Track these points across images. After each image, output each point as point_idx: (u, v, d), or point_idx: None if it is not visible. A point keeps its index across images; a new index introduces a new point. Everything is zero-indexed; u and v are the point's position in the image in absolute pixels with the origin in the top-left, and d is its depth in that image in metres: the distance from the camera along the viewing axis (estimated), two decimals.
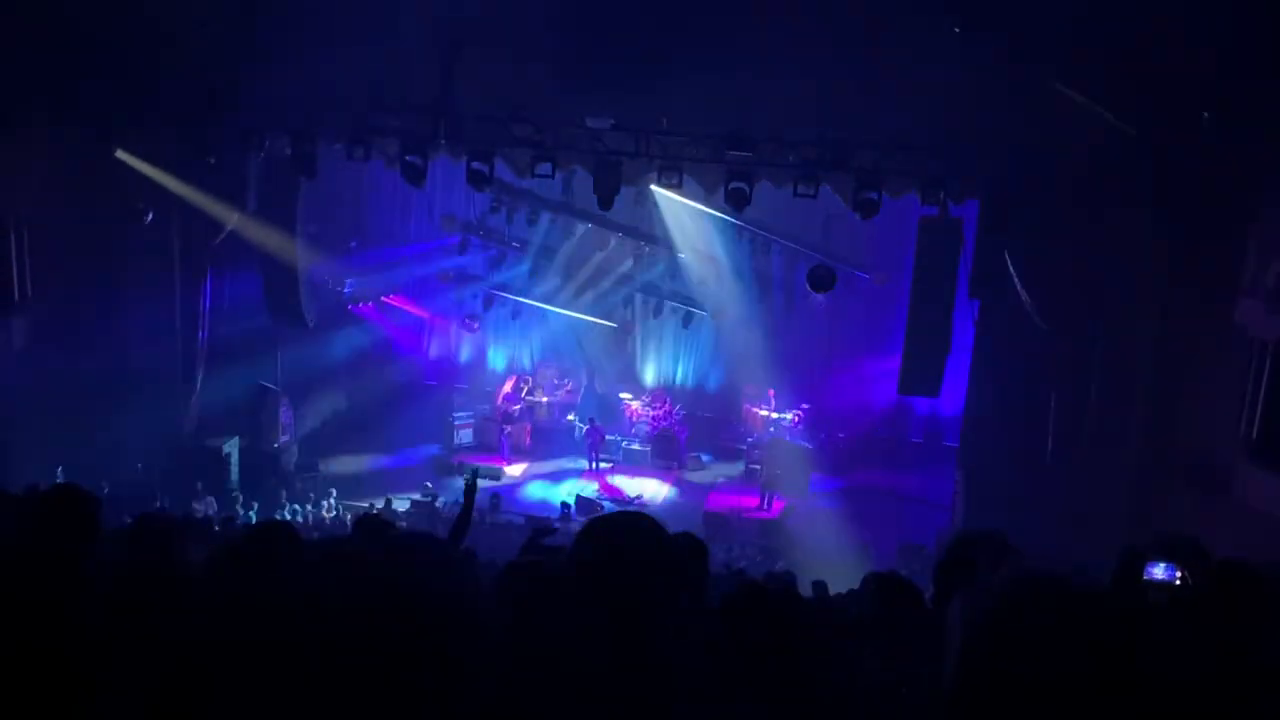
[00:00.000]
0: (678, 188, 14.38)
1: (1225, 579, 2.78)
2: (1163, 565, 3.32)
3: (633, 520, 2.30)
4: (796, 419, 20.85)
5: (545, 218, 21.23)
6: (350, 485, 17.57)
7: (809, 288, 17.85)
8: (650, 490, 19.05)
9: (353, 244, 20.29)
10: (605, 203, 14.50)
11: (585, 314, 23.28)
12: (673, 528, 2.57)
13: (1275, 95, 9.96)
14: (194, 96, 13.71)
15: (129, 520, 5.70)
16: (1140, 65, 10.54)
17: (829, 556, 13.83)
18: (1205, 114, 10.78)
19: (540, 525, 6.92)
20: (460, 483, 13.83)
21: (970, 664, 1.50)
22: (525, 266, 22.55)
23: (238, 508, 14.89)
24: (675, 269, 22.15)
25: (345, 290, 20.01)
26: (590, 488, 18.73)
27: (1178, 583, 3.29)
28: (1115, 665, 1.41)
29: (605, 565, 2.18)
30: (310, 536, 10.25)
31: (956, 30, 10.48)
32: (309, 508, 16.26)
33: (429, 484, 17.65)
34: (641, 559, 2.18)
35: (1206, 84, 10.44)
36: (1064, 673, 1.39)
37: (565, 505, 17.27)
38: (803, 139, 13.54)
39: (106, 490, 12.11)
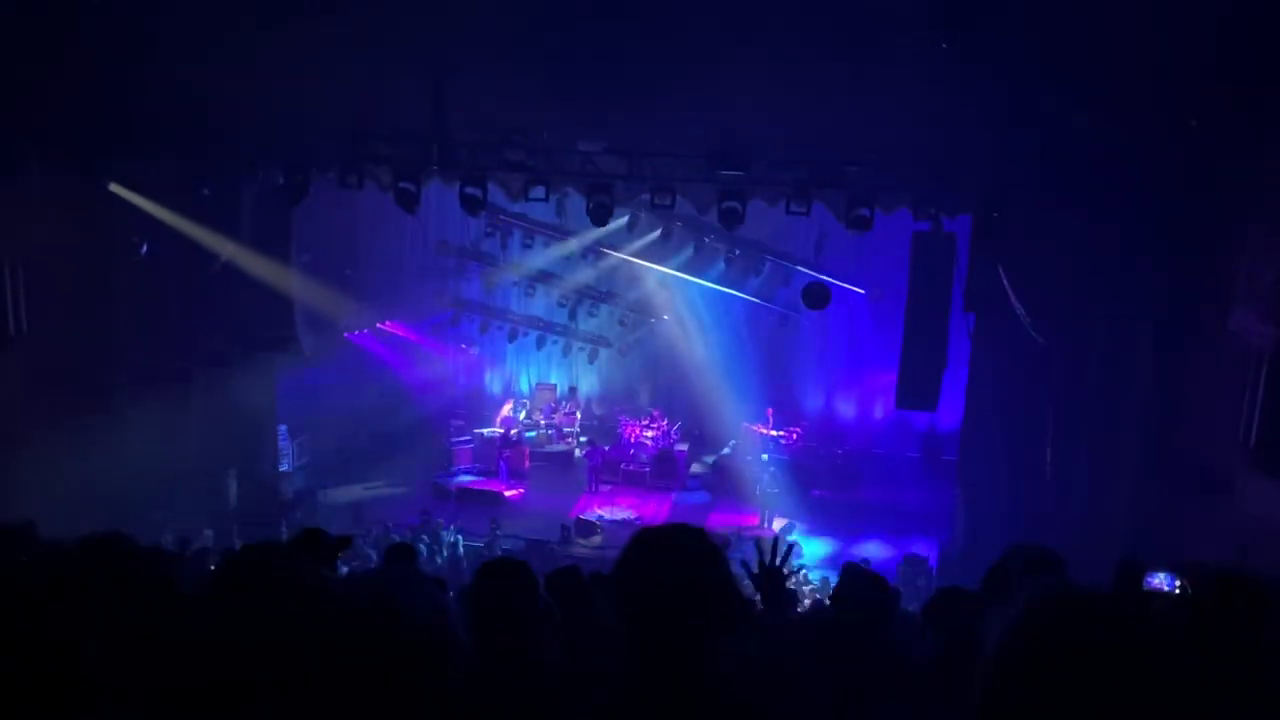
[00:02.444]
0: (670, 208, 14.42)
1: (1227, 588, 2.78)
2: (1163, 575, 3.32)
3: (685, 532, 2.27)
4: (795, 436, 20.86)
5: (539, 241, 21.34)
6: (349, 513, 17.53)
7: (804, 305, 17.91)
8: (650, 510, 19.01)
9: (347, 271, 20.30)
10: (599, 225, 14.59)
11: (583, 334, 23.38)
12: None
13: (1267, 103, 10.02)
14: (186, 128, 13.75)
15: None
16: (1130, 75, 10.59)
17: (829, 571, 13.81)
18: (1193, 122, 10.84)
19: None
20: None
21: (1000, 679, 1.51)
22: (520, 289, 22.66)
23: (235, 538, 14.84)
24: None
25: (341, 318, 20.00)
26: (590, 509, 18.69)
27: (1178, 592, 3.29)
28: (1136, 676, 1.42)
29: (657, 578, 2.15)
30: None
31: (944, 46, 10.51)
32: None
33: (427, 510, 17.61)
34: (695, 572, 2.16)
35: (1198, 93, 10.49)
36: (1089, 686, 1.41)
37: (565, 528, 17.26)
38: (794, 157, 13.59)
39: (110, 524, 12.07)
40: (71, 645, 3.29)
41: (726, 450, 21.56)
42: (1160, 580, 3.43)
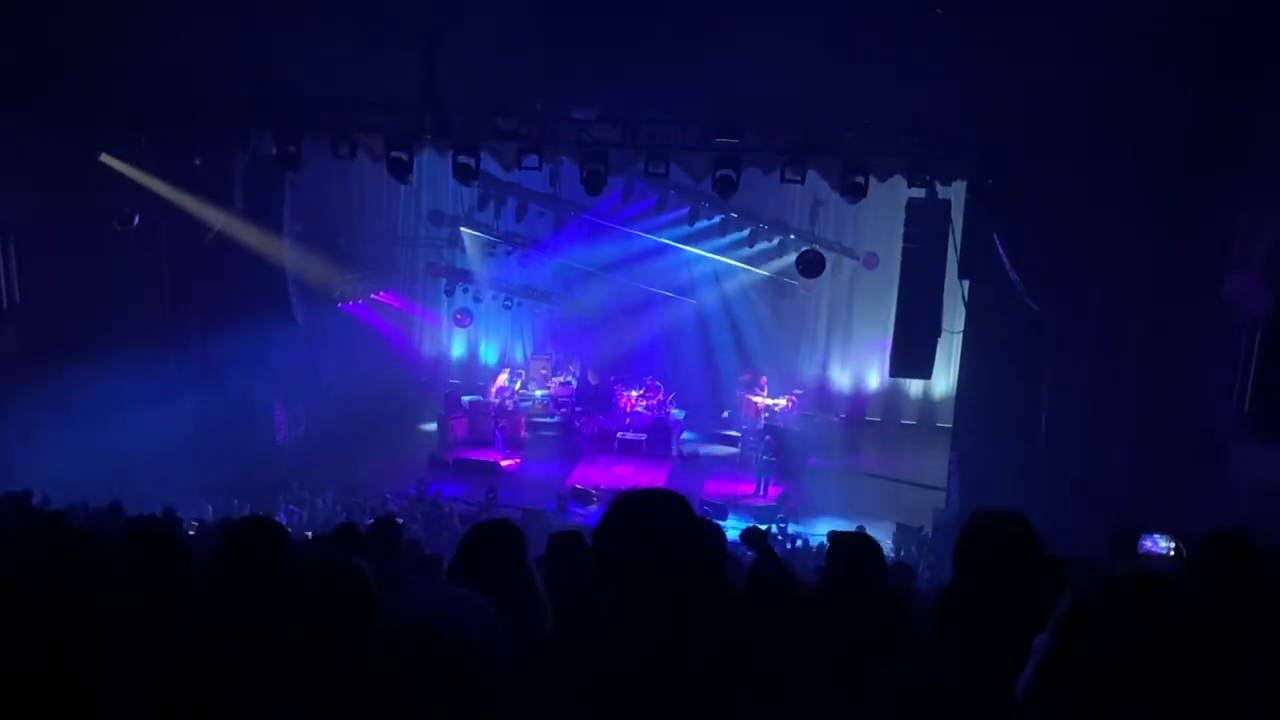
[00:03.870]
0: (664, 176, 14.35)
1: (1220, 550, 2.80)
2: (1157, 537, 3.34)
3: (661, 497, 2.28)
4: (790, 404, 20.87)
5: (534, 210, 21.29)
6: (345, 483, 17.54)
7: (798, 273, 17.90)
8: (646, 479, 19.04)
9: (340, 242, 20.24)
10: (593, 193, 14.52)
11: (578, 304, 23.36)
12: None
13: (1263, 69, 9.98)
14: (178, 98, 13.65)
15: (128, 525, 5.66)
16: (1127, 41, 10.54)
17: (824, 540, 13.85)
18: (1189, 91, 10.80)
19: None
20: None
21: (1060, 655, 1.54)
22: (515, 258, 22.64)
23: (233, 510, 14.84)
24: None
25: (334, 289, 19.96)
26: (586, 478, 18.72)
27: (1172, 553, 3.31)
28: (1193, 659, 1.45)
29: (635, 540, 2.16)
30: (305, 537, 10.29)
31: (939, 10, 10.46)
32: (305, 508, 16.22)
33: (424, 481, 17.64)
34: (672, 534, 2.17)
35: (1194, 58, 10.45)
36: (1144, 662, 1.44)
37: (561, 497, 17.30)
38: (789, 124, 13.52)
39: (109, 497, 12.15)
40: (75, 618, 3.32)
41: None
42: (1154, 543, 3.45)
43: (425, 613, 3.06)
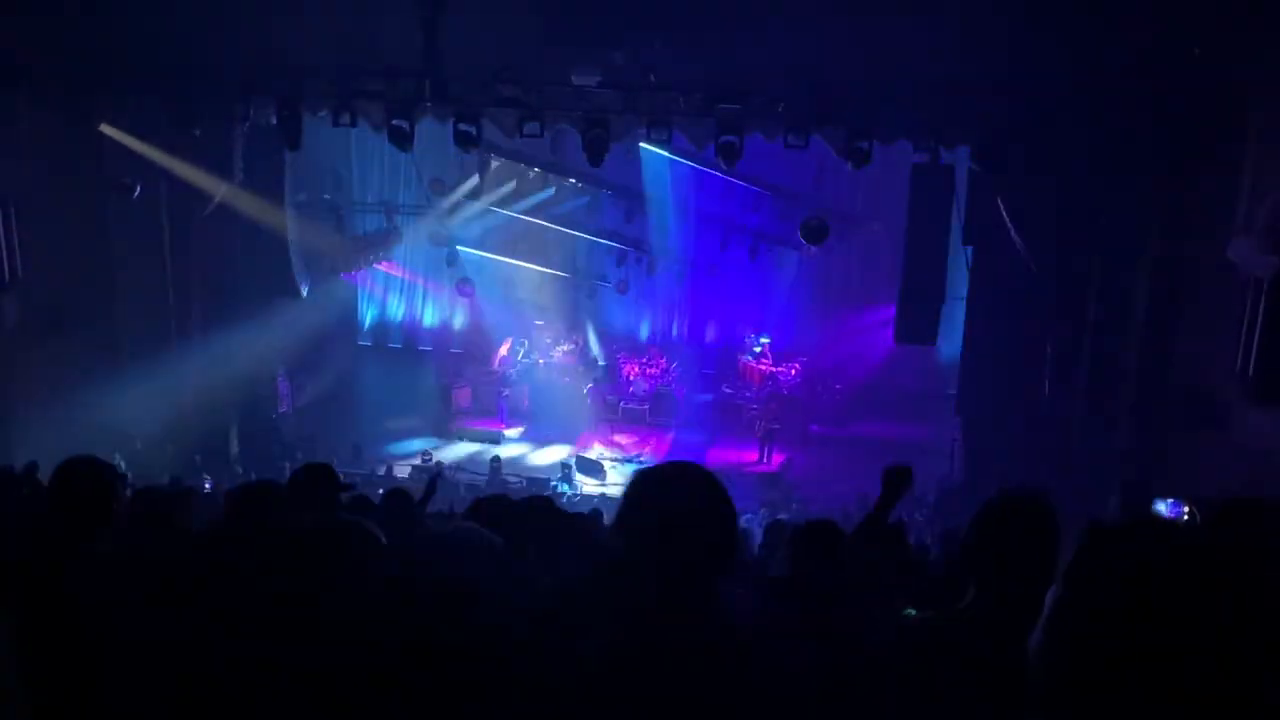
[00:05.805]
0: (666, 143, 14.26)
1: (1233, 514, 2.79)
2: (1168, 502, 3.34)
3: (686, 470, 2.26)
4: (794, 371, 20.87)
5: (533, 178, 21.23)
6: (350, 453, 17.59)
7: (802, 239, 17.85)
8: (650, 448, 19.09)
9: (342, 211, 20.19)
10: (595, 160, 14.41)
11: (579, 273, 23.29)
12: None
13: (1265, 31, 9.90)
14: (177, 66, 13.56)
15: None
16: (1133, 6, 10.46)
17: (828, 507, 13.89)
18: (1195, 50, 10.72)
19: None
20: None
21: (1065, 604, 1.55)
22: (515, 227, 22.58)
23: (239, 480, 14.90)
24: (667, 224, 22.17)
25: (337, 258, 19.93)
26: (590, 448, 18.77)
27: (1184, 518, 3.31)
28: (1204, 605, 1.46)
29: (662, 515, 2.15)
30: None
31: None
32: None
33: (429, 450, 17.68)
34: (700, 508, 2.16)
35: (1197, 20, 10.36)
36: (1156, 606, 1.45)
37: (566, 466, 17.34)
38: (792, 90, 13.41)
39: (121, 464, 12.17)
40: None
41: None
42: (1166, 507, 3.45)
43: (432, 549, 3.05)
